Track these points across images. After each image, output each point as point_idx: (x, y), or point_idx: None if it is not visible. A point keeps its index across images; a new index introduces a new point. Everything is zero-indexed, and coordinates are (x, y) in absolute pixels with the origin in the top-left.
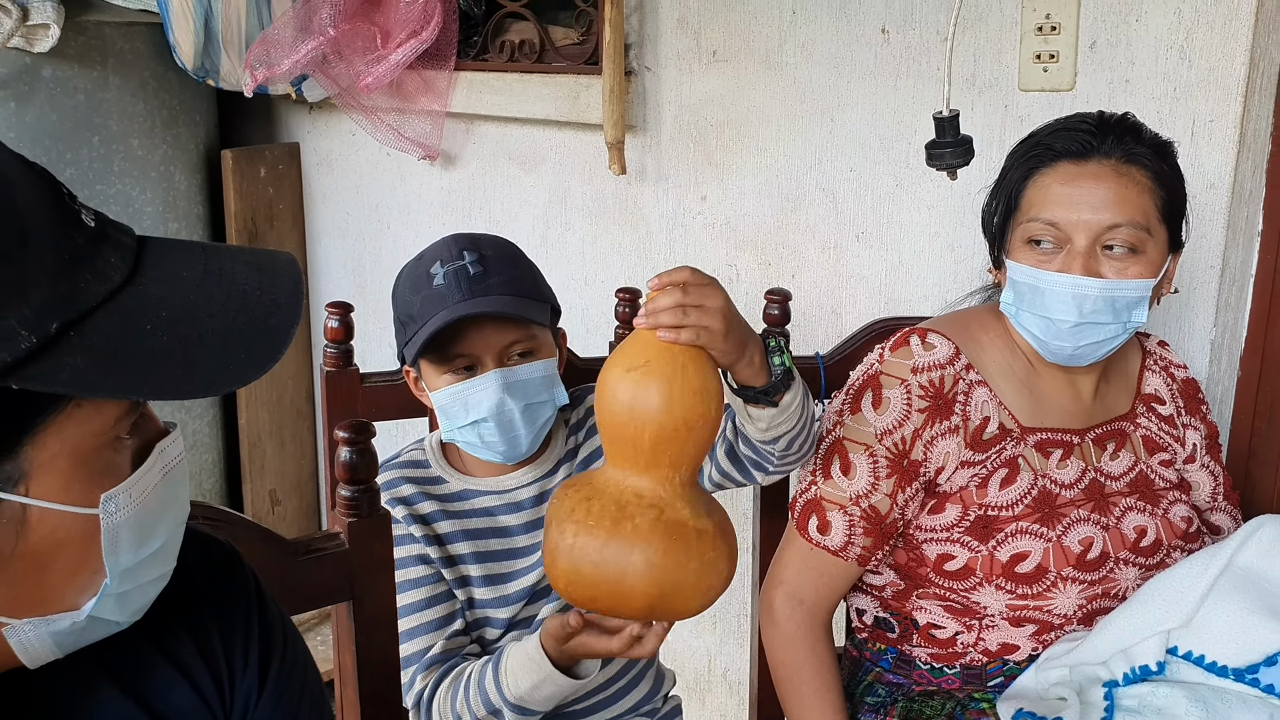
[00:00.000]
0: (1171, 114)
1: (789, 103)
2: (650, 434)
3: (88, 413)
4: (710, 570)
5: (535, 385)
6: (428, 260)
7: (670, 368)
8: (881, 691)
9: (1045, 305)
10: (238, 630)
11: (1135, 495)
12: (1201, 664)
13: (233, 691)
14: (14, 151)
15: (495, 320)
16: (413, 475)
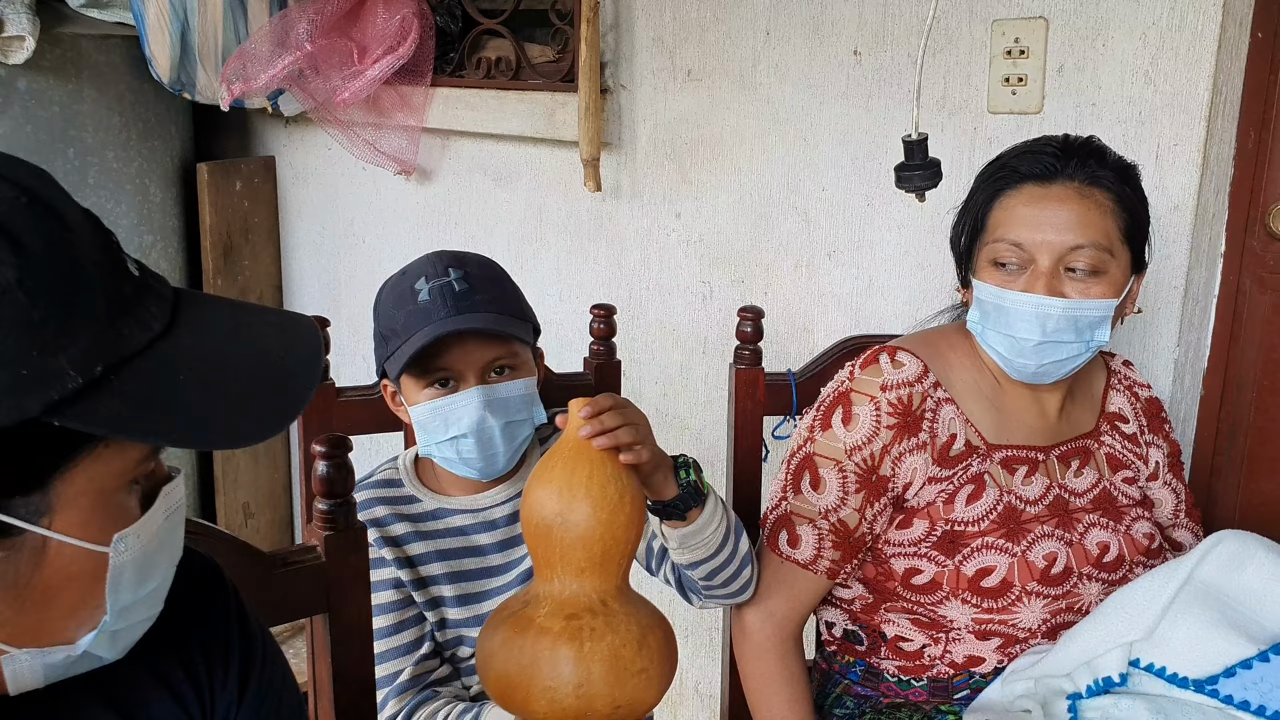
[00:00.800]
0: (1137, 137)
1: (763, 122)
2: (601, 543)
3: (114, 454)
4: (640, 678)
5: (515, 403)
6: (412, 276)
7: (603, 476)
8: (850, 704)
9: (1010, 324)
10: (218, 644)
11: (1099, 512)
12: (1163, 676)
13: (213, 704)
14: (72, 198)
15: (478, 337)
16: (386, 495)
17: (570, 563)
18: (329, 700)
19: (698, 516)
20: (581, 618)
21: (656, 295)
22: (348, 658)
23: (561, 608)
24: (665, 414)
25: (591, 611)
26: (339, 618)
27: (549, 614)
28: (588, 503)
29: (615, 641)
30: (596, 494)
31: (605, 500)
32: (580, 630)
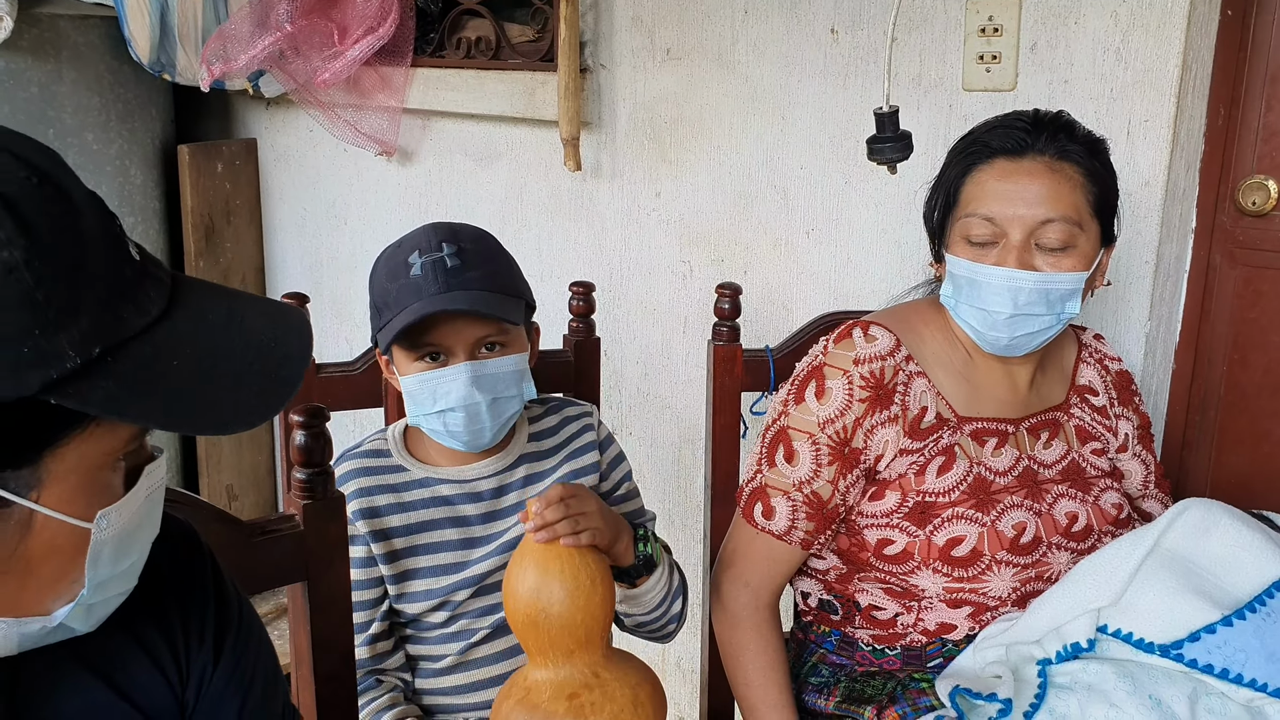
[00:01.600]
0: (1108, 114)
1: (741, 101)
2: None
3: (104, 433)
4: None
5: (504, 379)
6: (406, 249)
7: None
8: (825, 672)
9: (982, 298)
10: (194, 606)
11: (1067, 483)
12: (1130, 641)
13: (189, 664)
14: (79, 179)
15: (468, 315)
16: (371, 465)
17: (560, 648)
18: (309, 667)
19: (644, 583)
20: (580, 695)
21: (637, 275)
22: (327, 625)
23: (561, 690)
24: (647, 394)
25: (588, 687)
26: (318, 586)
27: (552, 698)
28: (564, 593)
29: (613, 709)
30: (570, 584)
31: (579, 588)
32: (583, 708)
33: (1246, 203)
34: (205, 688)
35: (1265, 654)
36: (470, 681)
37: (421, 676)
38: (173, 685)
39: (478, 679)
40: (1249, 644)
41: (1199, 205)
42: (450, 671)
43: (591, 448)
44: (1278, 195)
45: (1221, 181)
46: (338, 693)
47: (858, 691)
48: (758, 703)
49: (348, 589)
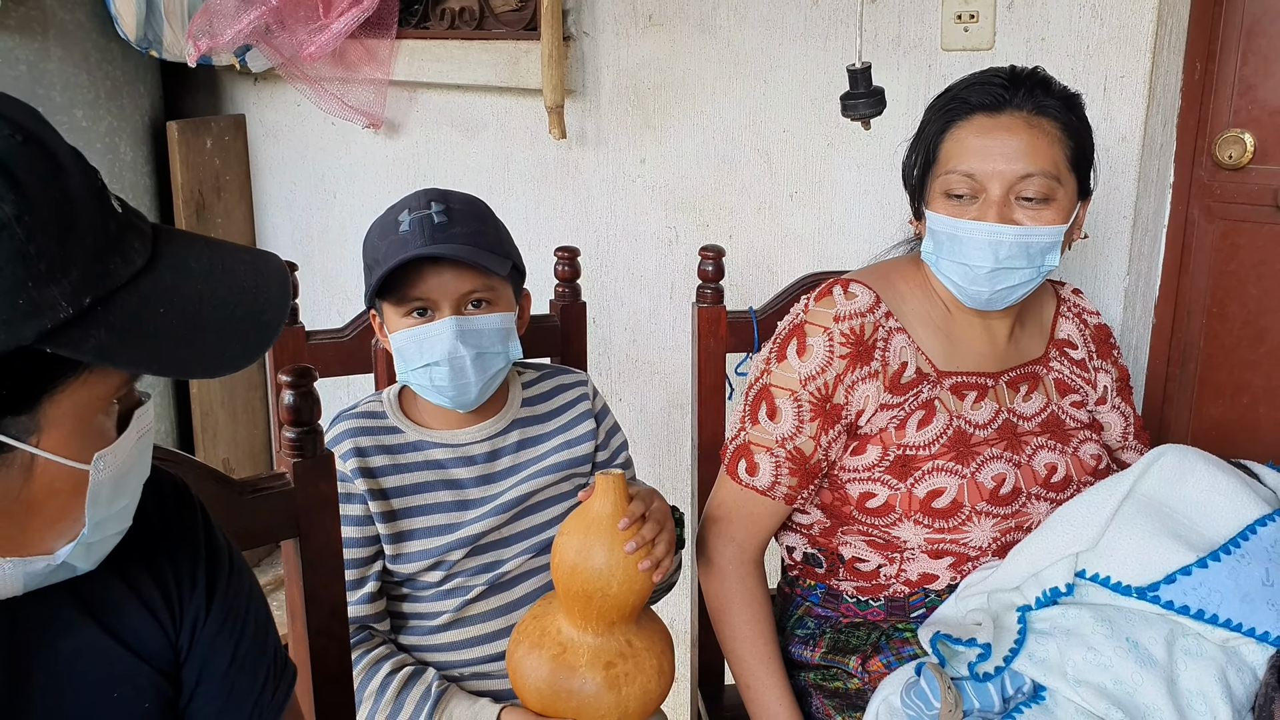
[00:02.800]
0: (1085, 70)
1: (723, 65)
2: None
3: (97, 379)
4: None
5: (490, 335)
6: (397, 209)
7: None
8: (811, 624)
9: (964, 252)
10: (185, 553)
11: (1046, 434)
12: (1107, 584)
13: (181, 610)
14: (62, 137)
15: (454, 267)
16: (368, 425)
17: (605, 619)
18: (302, 622)
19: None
20: (616, 664)
21: (623, 241)
22: (318, 580)
23: (598, 657)
24: (635, 359)
25: (623, 656)
26: (309, 542)
27: (589, 664)
28: (625, 576)
29: (643, 680)
30: (631, 571)
31: (636, 576)
32: (618, 678)
33: (1223, 156)
34: (198, 632)
35: (1239, 595)
36: (465, 638)
37: (416, 634)
38: (167, 631)
39: (473, 635)
40: (1224, 585)
41: (1176, 160)
42: (445, 629)
43: (587, 417)
44: (1254, 149)
45: (1198, 136)
46: (330, 646)
47: (843, 642)
48: (746, 655)
49: (339, 545)
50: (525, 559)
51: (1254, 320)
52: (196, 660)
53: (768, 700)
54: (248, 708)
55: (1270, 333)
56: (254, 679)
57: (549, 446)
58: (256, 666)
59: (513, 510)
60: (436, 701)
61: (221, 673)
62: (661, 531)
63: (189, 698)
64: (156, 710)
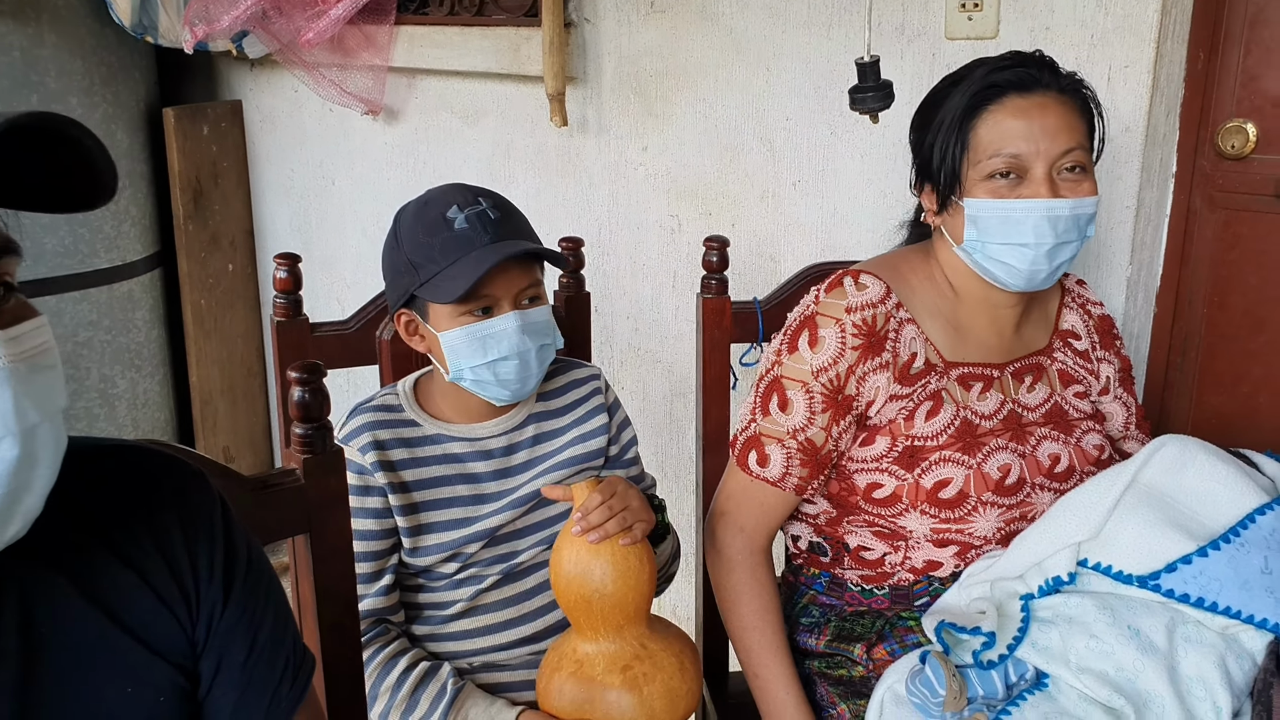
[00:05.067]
0: (1089, 60)
1: (726, 53)
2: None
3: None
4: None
5: (544, 327)
6: (439, 204)
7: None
8: (816, 613)
9: (1020, 233)
10: (201, 541)
11: (1050, 425)
12: (1109, 573)
13: (198, 600)
14: None
15: (519, 264)
16: (386, 419)
17: (611, 624)
18: (314, 616)
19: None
20: (633, 666)
21: (625, 230)
22: (330, 575)
23: (614, 662)
24: (637, 348)
25: (639, 658)
26: (320, 537)
27: (606, 671)
28: (616, 574)
29: (664, 678)
30: (621, 565)
31: (629, 568)
32: (637, 679)
33: (1226, 146)
34: (215, 625)
35: (1239, 583)
36: (479, 626)
37: (429, 624)
38: (182, 623)
39: (486, 624)
40: (1223, 573)
41: (1179, 149)
42: (459, 618)
43: (600, 410)
44: (1256, 138)
45: (1201, 125)
46: (342, 640)
47: (847, 630)
48: (754, 645)
49: (349, 540)
50: (539, 550)
51: (1254, 310)
52: (214, 652)
53: (775, 689)
54: (265, 699)
55: (1270, 322)
56: (272, 670)
57: (564, 441)
58: (275, 658)
59: (529, 504)
60: (452, 700)
61: (240, 664)
62: (623, 511)
63: (207, 689)
64: (171, 703)
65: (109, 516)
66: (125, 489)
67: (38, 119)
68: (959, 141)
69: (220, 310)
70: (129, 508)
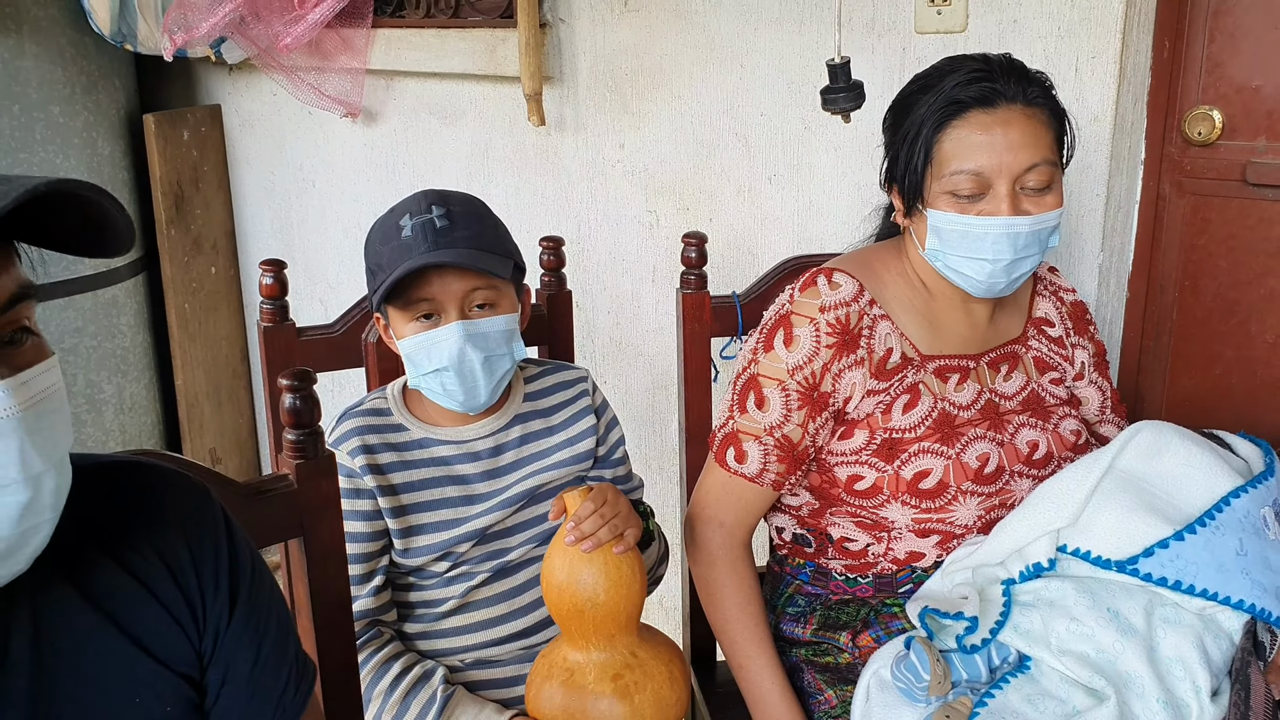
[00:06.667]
0: (1057, 52)
1: (700, 50)
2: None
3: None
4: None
5: (495, 338)
6: (398, 213)
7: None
8: (801, 602)
9: (979, 248)
10: (207, 555)
11: (1027, 412)
12: (1088, 559)
13: (205, 612)
14: None
15: (459, 271)
16: (375, 424)
17: (602, 633)
18: (308, 619)
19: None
20: (623, 675)
21: (604, 226)
22: (323, 578)
23: (605, 671)
24: (619, 342)
25: (629, 667)
26: (314, 541)
27: (597, 680)
28: (608, 584)
29: (654, 687)
30: (613, 575)
31: (620, 578)
32: (628, 688)
33: (1192, 133)
34: (222, 636)
35: (1215, 565)
36: (471, 623)
37: (421, 622)
38: (189, 634)
39: (478, 620)
40: (1200, 556)
41: (1147, 137)
42: (451, 615)
43: (588, 413)
44: (1222, 125)
45: (1168, 113)
46: (335, 640)
47: (833, 619)
48: (738, 637)
49: (342, 542)
50: (529, 548)
51: (1224, 293)
52: (221, 662)
53: (760, 679)
54: (271, 707)
55: (1240, 305)
56: (277, 679)
57: (553, 442)
58: (279, 666)
59: (519, 503)
60: (442, 708)
61: (245, 674)
62: (614, 519)
63: (215, 698)
64: (178, 713)
65: (117, 532)
66: (132, 505)
67: (64, 186)
68: (923, 153)
69: (204, 314)
70: (136, 523)
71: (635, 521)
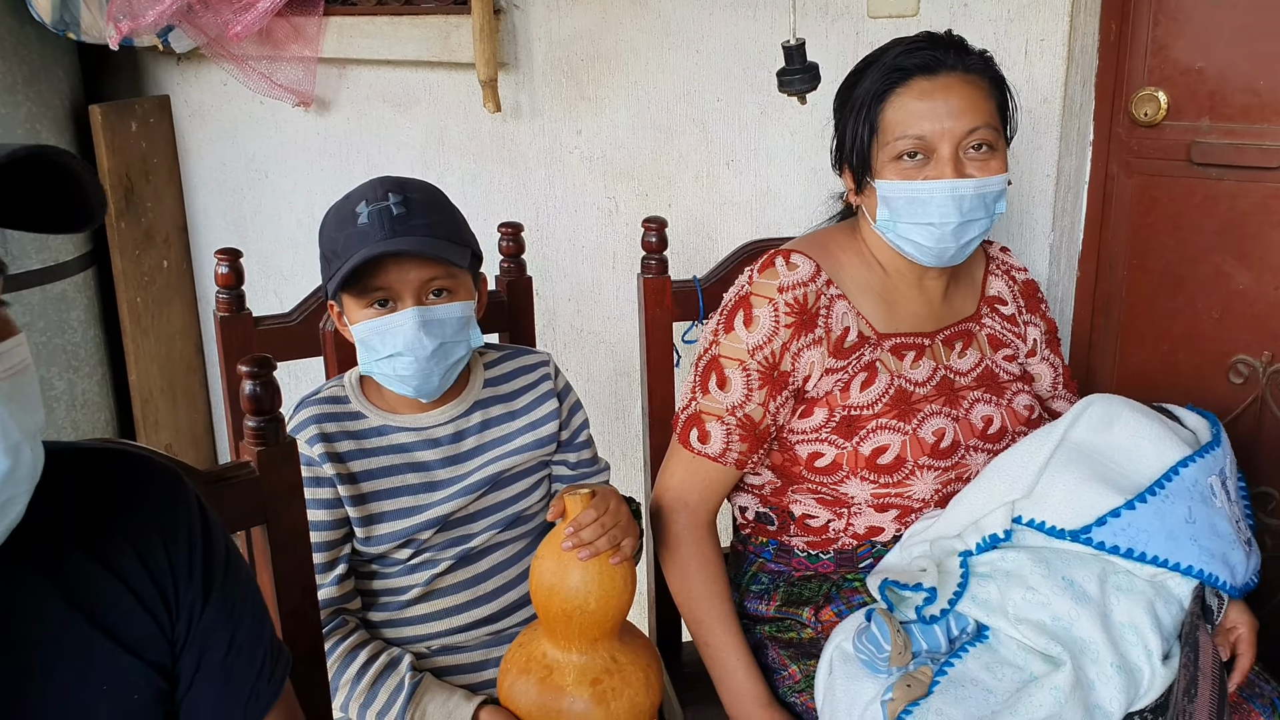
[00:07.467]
0: (1007, 35)
1: (655, 35)
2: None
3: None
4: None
5: (451, 325)
6: (354, 200)
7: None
8: (765, 580)
9: (927, 212)
10: (181, 542)
11: (982, 388)
12: (1042, 529)
13: (178, 601)
14: None
15: (414, 258)
16: (333, 411)
17: (587, 637)
18: (274, 604)
19: None
20: (602, 680)
21: (563, 212)
22: (288, 564)
23: (584, 674)
24: (579, 329)
25: (609, 672)
26: (277, 527)
27: (576, 683)
28: (601, 592)
29: (631, 694)
30: (608, 584)
31: (612, 588)
32: (605, 694)
33: (1139, 114)
34: (196, 623)
35: (1165, 533)
36: (436, 610)
37: (386, 610)
38: (160, 622)
39: (443, 607)
40: (1150, 525)
41: (1095, 118)
42: (416, 603)
43: (549, 396)
44: (1167, 106)
45: (1115, 95)
46: (302, 626)
47: (796, 595)
48: (703, 615)
49: (305, 528)
50: (493, 533)
51: (1172, 270)
52: (195, 649)
53: (725, 656)
54: (245, 693)
55: (1187, 281)
56: (251, 666)
57: (514, 427)
58: (253, 653)
59: (481, 489)
60: (411, 694)
61: (219, 661)
62: (614, 528)
63: (188, 685)
64: (146, 701)
65: (89, 521)
66: (104, 493)
67: (36, 151)
68: (868, 124)
69: (157, 307)
70: (108, 512)
71: (633, 531)
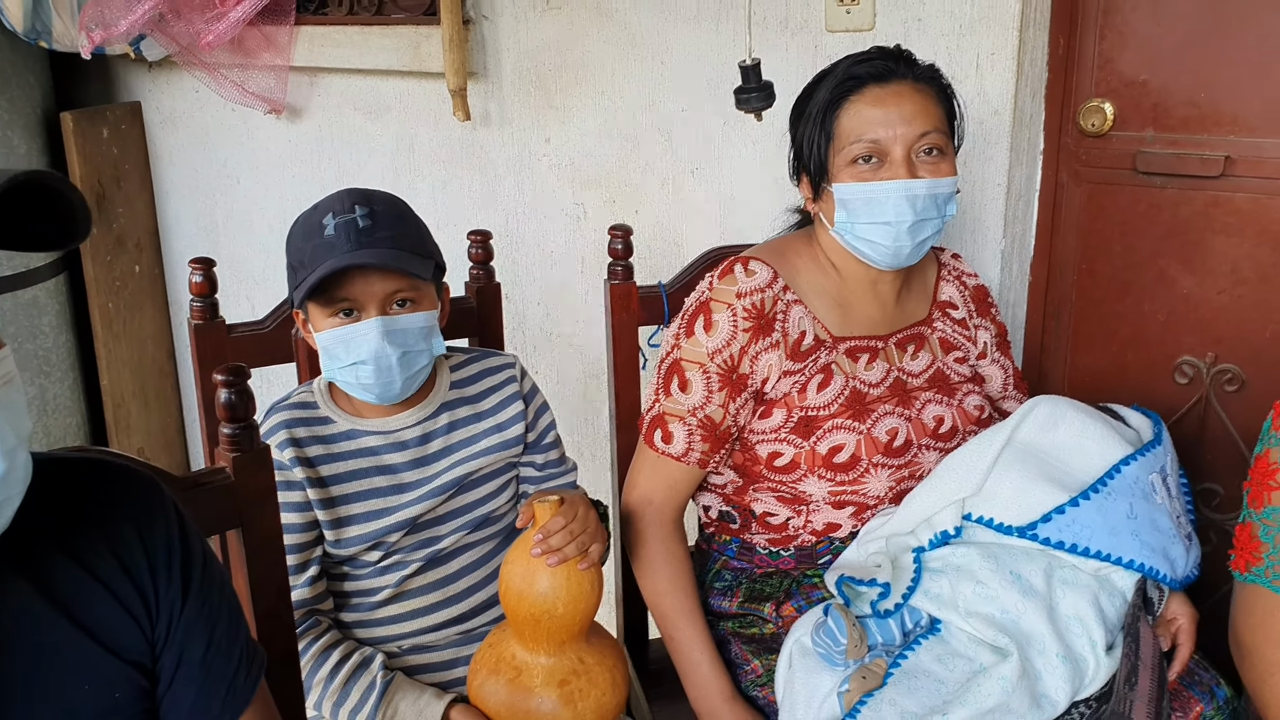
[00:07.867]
0: (959, 49)
1: (621, 47)
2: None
3: None
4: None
5: (414, 334)
6: (321, 211)
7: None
8: (728, 577)
9: (882, 212)
10: (159, 546)
11: (934, 389)
12: (991, 525)
13: (157, 602)
14: None
15: (379, 270)
16: (302, 416)
17: (555, 640)
18: (249, 606)
19: None
20: (570, 681)
21: (532, 219)
22: (263, 567)
23: (552, 676)
24: (549, 333)
25: (576, 674)
26: (252, 531)
27: (544, 684)
28: (569, 597)
29: (597, 694)
30: (575, 589)
31: (580, 593)
32: (572, 694)
33: (1087, 125)
34: (175, 622)
35: (1108, 529)
36: (406, 611)
37: (358, 611)
38: (140, 623)
39: (413, 608)
40: (1094, 521)
41: (1045, 129)
42: (386, 604)
43: (515, 399)
44: (1114, 117)
45: (1064, 106)
46: (276, 628)
47: (758, 591)
48: (669, 610)
49: (279, 532)
50: (461, 535)
51: (1119, 275)
52: (175, 648)
53: (690, 651)
54: (223, 690)
55: (1134, 286)
56: (228, 663)
57: (481, 429)
58: (230, 651)
59: (448, 492)
60: (382, 693)
61: (199, 659)
62: (582, 535)
63: (168, 683)
64: (128, 699)
65: (69, 525)
66: (84, 499)
67: (34, 177)
68: (824, 132)
69: (129, 313)
70: (88, 517)
71: (602, 537)
